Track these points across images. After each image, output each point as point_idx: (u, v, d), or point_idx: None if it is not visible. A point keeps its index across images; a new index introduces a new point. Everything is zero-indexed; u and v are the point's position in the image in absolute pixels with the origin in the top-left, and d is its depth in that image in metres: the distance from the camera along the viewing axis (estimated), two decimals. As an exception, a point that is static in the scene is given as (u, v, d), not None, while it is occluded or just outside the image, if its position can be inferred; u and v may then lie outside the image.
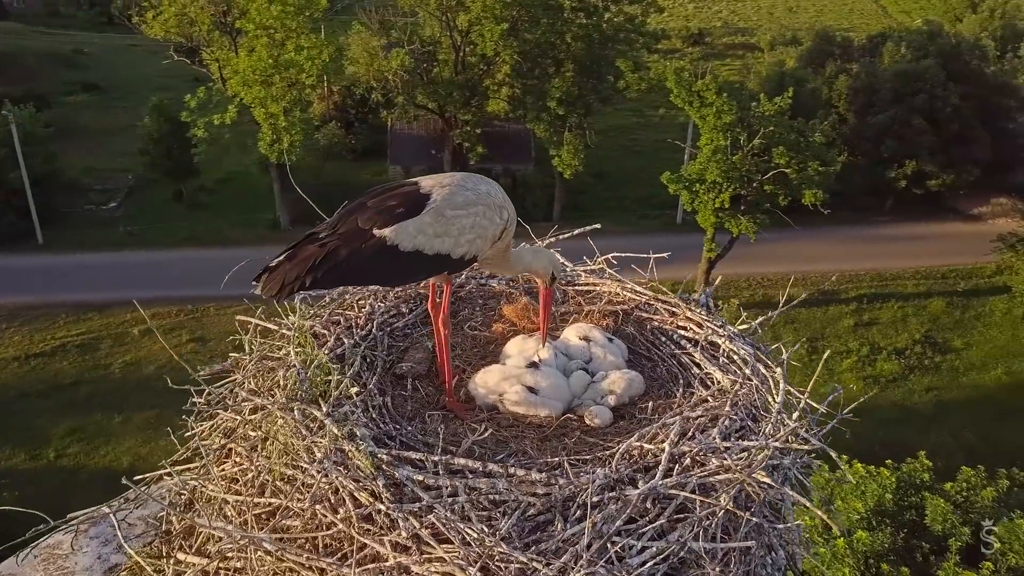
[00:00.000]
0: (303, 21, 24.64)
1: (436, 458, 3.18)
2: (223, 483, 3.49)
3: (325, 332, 4.09)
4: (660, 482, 3.15)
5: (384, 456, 3.14)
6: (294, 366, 3.61)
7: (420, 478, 3.10)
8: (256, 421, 3.54)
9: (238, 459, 3.56)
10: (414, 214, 3.48)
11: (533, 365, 4.00)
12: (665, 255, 4.97)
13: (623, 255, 4.94)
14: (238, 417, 3.64)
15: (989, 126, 30.54)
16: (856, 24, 59.69)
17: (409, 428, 3.54)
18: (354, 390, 3.52)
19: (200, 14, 27.73)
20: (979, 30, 43.86)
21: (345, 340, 4.01)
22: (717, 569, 3.02)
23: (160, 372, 21.19)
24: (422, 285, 4.49)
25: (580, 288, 4.89)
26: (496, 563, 2.87)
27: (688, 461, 3.34)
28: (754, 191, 22.47)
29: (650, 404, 3.95)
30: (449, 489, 3.08)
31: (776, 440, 3.44)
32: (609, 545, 2.94)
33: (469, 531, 2.90)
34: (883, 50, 35.76)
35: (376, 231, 3.41)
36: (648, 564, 2.94)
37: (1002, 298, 26.13)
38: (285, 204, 29.08)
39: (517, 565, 2.85)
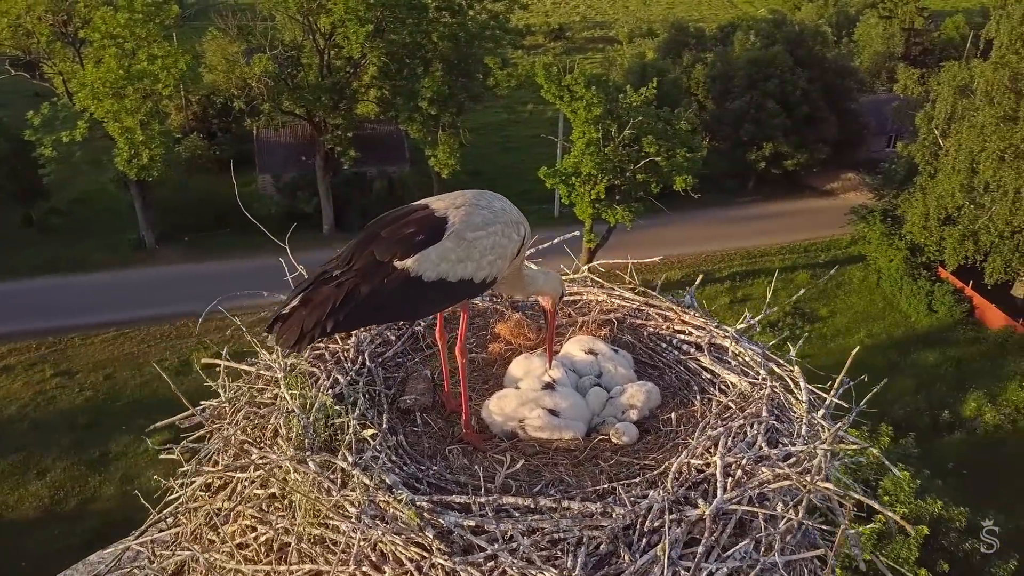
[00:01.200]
0: (153, 29, 23.33)
1: (482, 499, 2.96)
2: (226, 550, 3.12)
3: (315, 369, 3.76)
4: (723, 498, 3.02)
5: (424, 503, 2.90)
6: (293, 411, 3.28)
7: (470, 523, 2.87)
8: (260, 477, 3.19)
9: (245, 521, 3.19)
10: (434, 240, 3.26)
11: (549, 386, 3.83)
12: (657, 258, 5.00)
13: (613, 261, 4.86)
14: (237, 475, 3.27)
15: (834, 107, 32.61)
16: (706, 15, 62.40)
17: (434, 468, 3.29)
18: (369, 432, 3.25)
19: (37, 25, 25.80)
20: (816, 17, 46.69)
21: (340, 377, 3.71)
22: None
23: (23, 411, 19.65)
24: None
25: (565, 299, 4.65)
26: None
27: (740, 473, 3.23)
28: (627, 181, 23.08)
29: (673, 415, 3.83)
30: (504, 532, 2.86)
31: (824, 443, 3.37)
32: (683, 573, 2.83)
33: None
34: (734, 39, 37.50)
35: (397, 263, 3.17)
36: None
37: (858, 266, 28.06)
38: (148, 222, 27.54)
39: None
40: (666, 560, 2.83)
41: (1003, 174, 23.07)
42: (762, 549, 3.02)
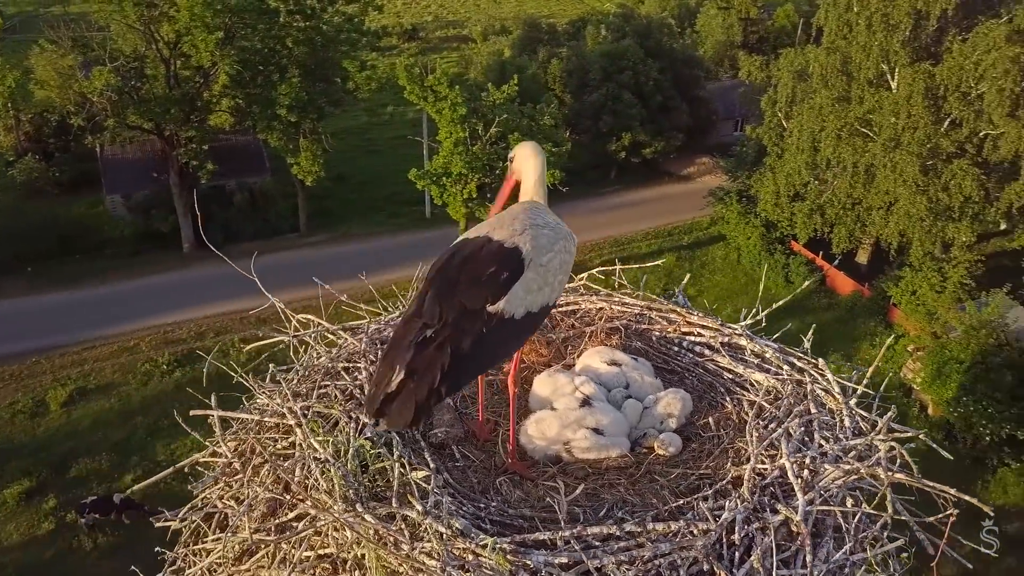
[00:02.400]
0: (-26, 44, 21.46)
1: (565, 533, 2.80)
2: None
3: (332, 411, 3.47)
4: (805, 500, 2.95)
5: (505, 545, 2.70)
6: (327, 460, 2.99)
7: (561, 560, 2.70)
8: (307, 538, 2.89)
9: None
10: (517, 274, 3.12)
11: (586, 403, 3.69)
12: (659, 262, 4.88)
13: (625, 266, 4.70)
14: (272, 538, 2.94)
15: (685, 95, 34.06)
16: (556, 11, 63.66)
17: (493, 504, 3.10)
18: (421, 475, 3.00)
19: None
20: (660, 10, 48.63)
21: (362, 417, 3.40)
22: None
23: None
24: None
25: (564, 310, 4.54)
26: None
27: (806, 473, 3.17)
28: (498, 178, 23.23)
29: (710, 420, 3.76)
30: (601, 566, 2.71)
31: (879, 434, 3.34)
32: None
33: None
34: (585, 33, 38.53)
35: (490, 307, 3.03)
36: None
37: (719, 246, 29.49)
38: (-16, 253, 25.30)
39: None
40: (763, 571, 2.78)
41: (842, 151, 24.81)
42: (847, 547, 2.98)
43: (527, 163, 3.67)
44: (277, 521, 3.06)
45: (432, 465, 3.19)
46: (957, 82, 22.98)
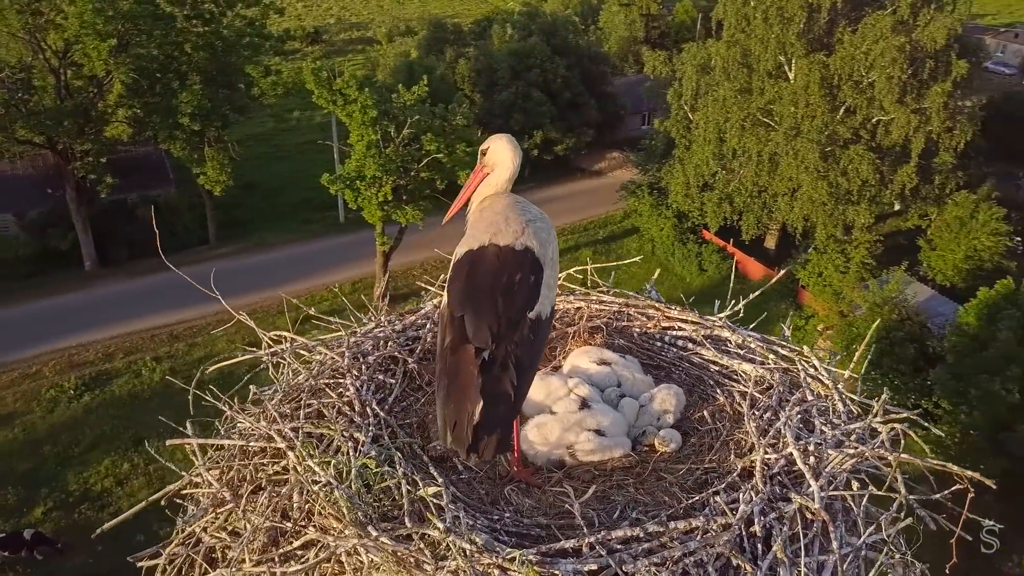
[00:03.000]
0: None
1: (590, 539, 2.76)
2: None
3: (325, 431, 3.31)
4: (819, 487, 2.98)
5: (531, 557, 2.63)
6: (329, 483, 2.86)
7: (591, 567, 2.67)
8: (318, 567, 2.75)
9: None
10: (540, 275, 3.15)
11: (585, 405, 3.66)
12: (638, 258, 4.74)
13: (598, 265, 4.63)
14: (279, 567, 2.80)
15: (593, 91, 34.55)
16: (460, 11, 63.61)
17: (506, 515, 3.02)
18: (432, 490, 2.89)
19: None
20: (563, 8, 49.17)
21: (357, 435, 3.29)
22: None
23: None
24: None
25: None
26: None
27: (813, 460, 3.19)
28: (413, 180, 23.03)
29: (705, 413, 3.74)
30: (632, 571, 2.69)
31: (877, 416, 3.38)
32: (804, 570, 2.78)
33: None
34: (491, 32, 38.59)
35: (531, 314, 3.04)
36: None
37: (634, 238, 30.05)
38: None
39: None
40: (787, 560, 2.79)
41: (746, 140, 25.65)
42: (861, 531, 3.02)
43: (503, 156, 3.57)
44: (280, 551, 2.91)
45: (441, 480, 3.11)
46: (850, 71, 24.06)
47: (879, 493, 3.17)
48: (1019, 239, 27.09)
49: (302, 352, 4.13)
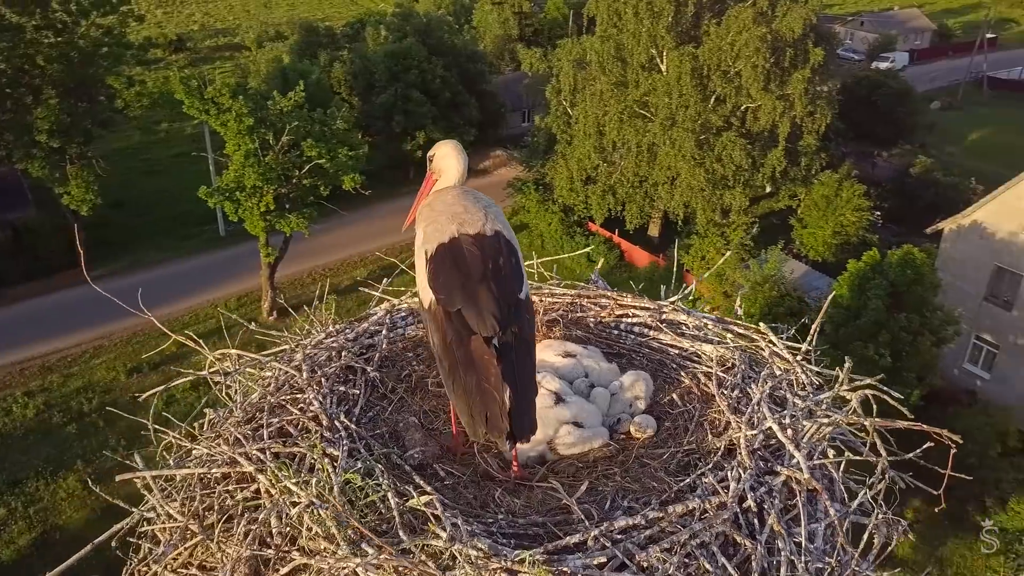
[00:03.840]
0: None
1: (594, 532, 2.77)
2: None
3: (296, 449, 3.15)
4: (803, 456, 3.07)
5: (538, 556, 2.59)
6: (311, 502, 2.71)
7: (600, 559, 2.67)
8: None
9: None
10: (517, 257, 3.23)
11: (559, 399, 3.68)
12: (588, 249, 4.55)
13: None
14: None
15: (472, 90, 34.60)
16: (330, 14, 62.44)
17: (501, 517, 2.95)
18: (424, 499, 2.78)
19: None
20: (435, 8, 49.10)
21: (332, 450, 3.14)
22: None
23: None
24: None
25: None
26: None
27: (791, 432, 3.26)
28: (295, 187, 22.44)
29: (674, 396, 3.78)
30: (642, 561, 2.71)
31: (843, 384, 3.48)
32: (803, 540, 2.86)
33: None
34: (365, 35, 38.09)
35: (521, 296, 3.13)
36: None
37: (523, 235, 30.27)
38: None
39: None
40: (785, 532, 2.84)
41: (625, 133, 26.32)
42: (845, 496, 3.14)
43: (448, 161, 3.61)
44: None
45: (431, 488, 3.02)
46: (717, 62, 25.07)
47: (861, 458, 3.31)
48: (878, 213, 28.98)
49: (250, 370, 3.92)
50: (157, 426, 3.59)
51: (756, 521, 2.95)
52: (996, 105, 45.16)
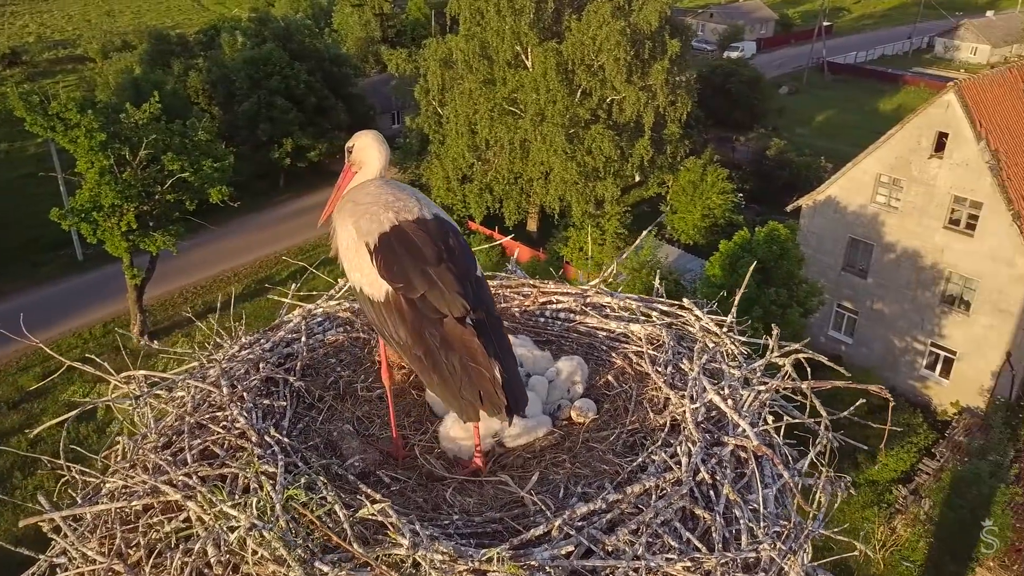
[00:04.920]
0: None
1: (556, 522, 2.71)
2: None
3: (226, 471, 2.90)
4: (748, 425, 3.14)
5: (505, 553, 2.50)
6: (252, 525, 2.49)
7: (567, 549, 2.63)
8: None
9: None
10: (462, 238, 3.14)
11: None
12: (508, 238, 4.37)
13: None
14: None
15: (339, 94, 33.92)
16: (179, 21, 59.75)
17: (456, 517, 2.84)
18: (377, 507, 2.61)
19: None
20: (293, 12, 47.78)
21: (267, 467, 2.88)
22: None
23: None
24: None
25: None
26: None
27: (731, 401, 3.33)
28: (158, 204, 21.33)
29: (609, 377, 3.77)
30: (611, 545, 2.70)
31: (778, 354, 3.58)
32: (760, 506, 2.92)
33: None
34: (221, 41, 36.65)
35: (478, 273, 3.08)
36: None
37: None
38: None
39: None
40: (741, 500, 2.88)
41: (496, 130, 26.49)
42: (788, 460, 3.21)
43: (369, 152, 3.42)
44: None
45: (379, 496, 2.83)
46: (581, 56, 25.62)
47: (805, 420, 3.45)
48: (741, 195, 30.46)
49: (160, 392, 3.62)
50: (50, 459, 3.30)
51: (712, 493, 3.00)
52: (836, 88, 48.36)
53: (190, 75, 34.02)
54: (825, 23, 54.18)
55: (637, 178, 30.64)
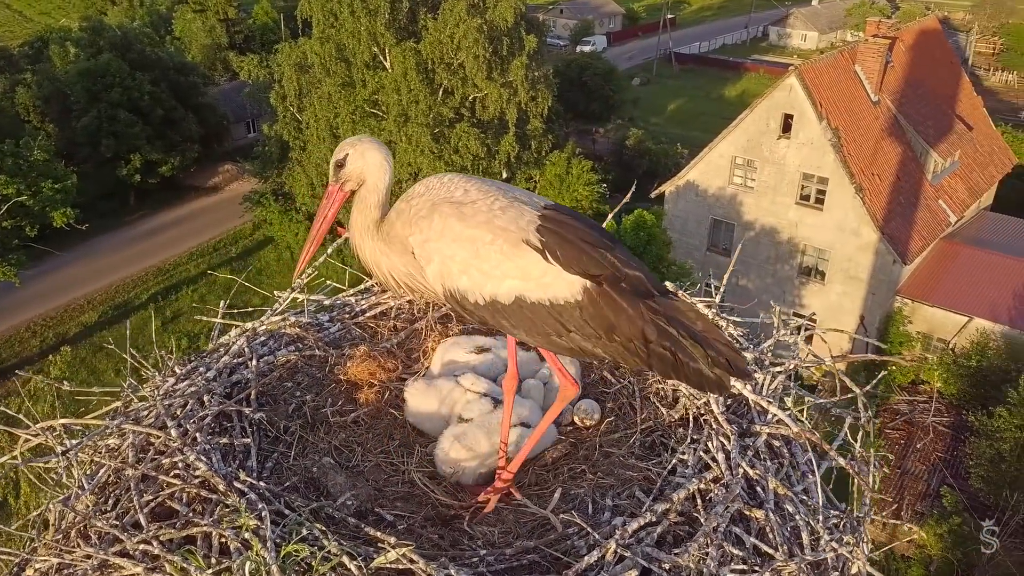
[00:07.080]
0: None
1: (612, 544, 2.49)
2: None
3: (196, 531, 2.48)
4: (778, 408, 3.03)
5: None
6: None
7: (630, 574, 2.47)
8: None
9: None
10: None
11: (496, 402, 3.26)
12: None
13: None
14: None
15: (187, 104, 32.27)
16: (1, 33, 55.15)
17: (483, 552, 2.54)
18: (399, 552, 2.33)
19: None
20: (128, 20, 45.06)
21: (255, 523, 2.45)
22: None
23: None
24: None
25: (374, 312, 3.94)
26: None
27: (749, 387, 3.20)
28: (-4, 233, 19.64)
29: (605, 373, 3.57)
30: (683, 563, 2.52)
31: (781, 331, 3.60)
32: (772, 513, 2.73)
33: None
34: (50, 53, 34.13)
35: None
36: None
37: (270, 249, 28.98)
38: None
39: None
40: (789, 491, 2.80)
41: (359, 133, 25.91)
42: (807, 456, 3.07)
43: (370, 160, 2.75)
44: None
45: (394, 540, 2.44)
46: (440, 55, 25.48)
47: (844, 398, 3.38)
48: (605, 185, 31.26)
49: (89, 443, 3.02)
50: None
51: (759, 489, 2.80)
52: (684, 78, 50.52)
53: (17, 91, 31.54)
54: (668, 16, 56.47)
55: (505, 175, 30.84)
